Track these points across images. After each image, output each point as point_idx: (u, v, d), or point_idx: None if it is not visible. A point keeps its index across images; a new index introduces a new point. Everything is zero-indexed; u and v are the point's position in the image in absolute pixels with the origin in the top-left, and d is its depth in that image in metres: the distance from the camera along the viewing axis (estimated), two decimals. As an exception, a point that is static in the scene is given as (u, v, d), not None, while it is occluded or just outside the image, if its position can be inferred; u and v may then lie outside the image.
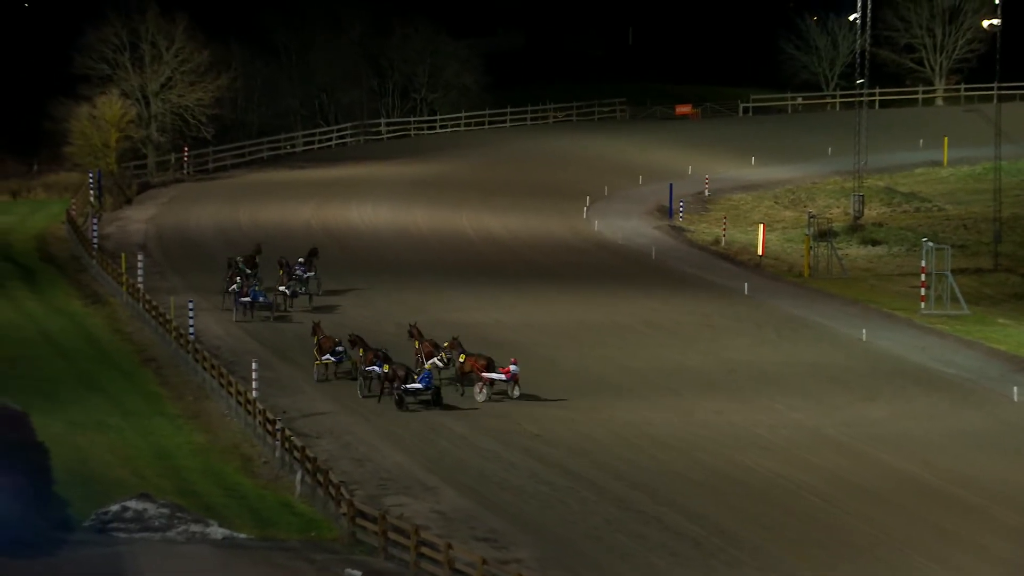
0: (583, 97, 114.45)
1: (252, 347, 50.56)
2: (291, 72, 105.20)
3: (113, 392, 46.43)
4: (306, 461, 37.41)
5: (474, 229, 74.55)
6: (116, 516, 34.25)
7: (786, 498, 36.47)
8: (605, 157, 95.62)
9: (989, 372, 49.02)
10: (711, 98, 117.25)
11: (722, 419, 43.12)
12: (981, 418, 43.77)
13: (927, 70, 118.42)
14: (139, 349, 51.86)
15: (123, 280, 58.49)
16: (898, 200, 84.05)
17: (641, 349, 51.43)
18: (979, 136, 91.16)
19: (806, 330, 54.69)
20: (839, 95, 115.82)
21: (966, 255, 68.80)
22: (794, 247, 71.26)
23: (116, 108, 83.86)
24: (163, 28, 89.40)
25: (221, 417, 44.13)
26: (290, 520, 35.89)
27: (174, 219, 76.20)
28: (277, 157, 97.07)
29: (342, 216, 76.79)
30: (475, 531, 34.22)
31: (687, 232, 75.97)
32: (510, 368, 44.68)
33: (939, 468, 38.67)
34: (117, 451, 40.47)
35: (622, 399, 45.14)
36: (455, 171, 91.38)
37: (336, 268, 61.73)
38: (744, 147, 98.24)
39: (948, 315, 57.29)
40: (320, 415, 43.35)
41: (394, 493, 36.80)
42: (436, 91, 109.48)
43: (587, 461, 39.14)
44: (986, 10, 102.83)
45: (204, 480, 38.68)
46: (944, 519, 35.09)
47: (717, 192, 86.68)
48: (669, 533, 34.19)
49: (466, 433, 41.60)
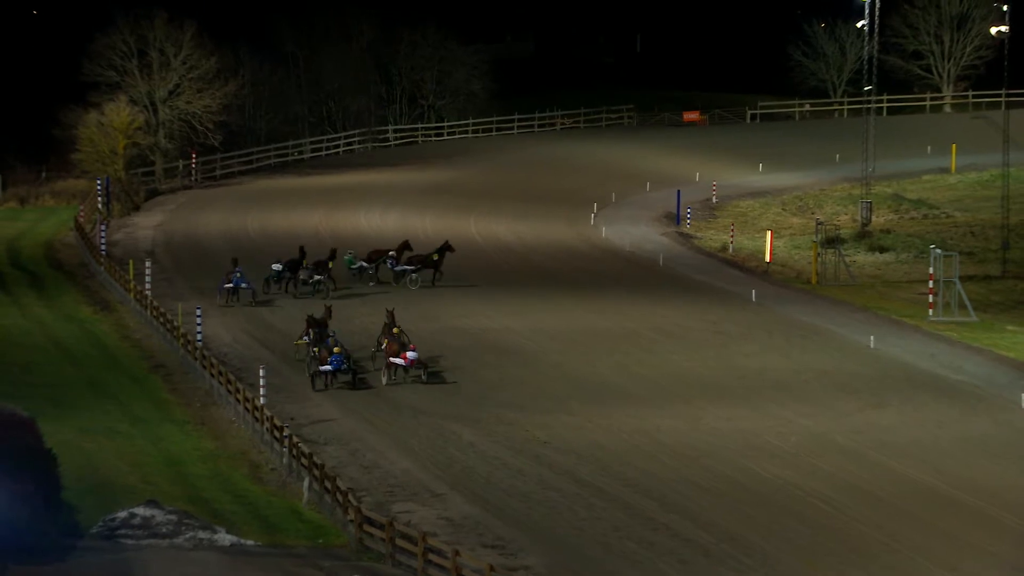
0: (591, 104, 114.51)
1: (260, 354, 50.57)
2: (299, 79, 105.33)
3: (122, 398, 46.45)
4: (314, 468, 37.39)
5: (482, 235, 74.57)
6: (124, 523, 34.25)
7: (795, 505, 36.41)
8: (613, 164, 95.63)
9: (998, 379, 48.94)
10: (719, 105, 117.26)
11: (731, 426, 43.07)
12: (990, 425, 43.69)
13: (935, 77, 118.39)
14: (147, 355, 51.89)
15: (131, 287, 58.52)
16: (906, 207, 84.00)
17: (650, 355, 51.39)
18: (987, 143, 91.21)
19: (814, 337, 54.62)
20: (847, 102, 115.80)
21: (974, 262, 68.73)
22: (802, 254, 71.21)
23: (124, 115, 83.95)
24: (171, 35, 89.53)
25: (229, 423, 44.14)
26: (298, 527, 35.87)
27: (182, 226, 76.25)
28: (285, 164, 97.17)
29: (351, 223, 76.82)
30: (483, 538, 34.18)
31: (695, 239, 75.94)
32: (407, 355, 46.68)
33: (949, 475, 38.60)
34: (126, 457, 40.48)
35: (631, 405, 45.10)
36: (463, 178, 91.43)
37: (345, 273, 61.68)
38: (752, 154, 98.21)
39: (956, 322, 57.21)
40: (328, 422, 43.34)
41: (402, 500, 36.78)
42: (444, 98, 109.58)
43: (595, 468, 39.10)
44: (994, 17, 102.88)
45: (212, 487, 38.68)
46: (954, 526, 35.03)
47: (724, 199, 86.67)
48: (678, 540, 34.14)
49: (474, 440, 41.58)
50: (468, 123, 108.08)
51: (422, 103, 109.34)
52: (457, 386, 47.14)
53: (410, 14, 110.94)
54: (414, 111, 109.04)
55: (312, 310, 51.49)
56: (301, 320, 51.00)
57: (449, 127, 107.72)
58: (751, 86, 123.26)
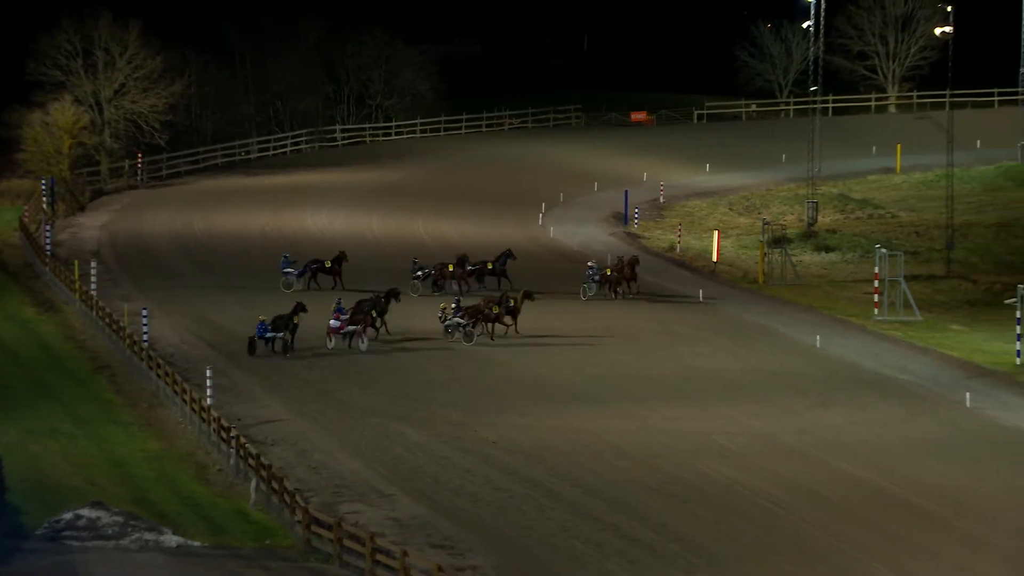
0: (539, 104, 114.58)
1: (206, 354, 50.35)
2: (246, 79, 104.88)
3: (67, 400, 46.14)
4: (261, 469, 37.25)
5: (430, 235, 74.50)
6: (69, 524, 34.01)
7: (743, 505, 36.53)
8: (561, 164, 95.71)
9: (942, 378, 49.25)
10: (666, 105, 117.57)
11: (680, 426, 43.18)
12: (935, 424, 43.97)
13: (880, 77, 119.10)
14: (92, 356, 51.56)
15: (76, 287, 58.14)
16: (851, 207, 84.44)
17: (599, 356, 51.45)
18: (931, 143, 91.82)
19: (762, 337, 54.84)
20: (793, 102, 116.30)
21: (919, 262, 69.16)
22: (748, 254, 71.48)
23: (69, 114, 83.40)
24: (116, 34, 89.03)
25: (175, 424, 43.91)
26: (245, 528, 35.72)
27: (127, 226, 75.83)
28: (231, 164, 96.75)
29: (298, 223, 76.59)
30: (431, 538, 34.14)
31: (642, 239, 76.10)
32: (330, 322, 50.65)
33: (894, 474, 38.81)
34: (71, 459, 40.21)
35: (580, 406, 45.15)
36: (411, 178, 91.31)
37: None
38: (699, 154, 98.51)
39: (901, 321, 57.56)
40: (275, 422, 43.18)
41: (349, 500, 36.69)
42: (392, 98, 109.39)
43: (544, 468, 39.11)
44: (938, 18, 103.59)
45: (158, 488, 38.47)
46: (900, 526, 35.22)
47: (672, 199, 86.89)
48: (625, 540, 34.19)
49: (422, 440, 41.52)
50: (416, 123, 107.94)
51: (370, 103, 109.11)
52: (405, 386, 47.07)
53: (357, 14, 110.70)
54: (362, 111, 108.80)
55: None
56: (247, 320, 50.85)
57: (397, 127, 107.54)
58: (698, 87, 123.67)
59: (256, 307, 54.17)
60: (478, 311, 52.49)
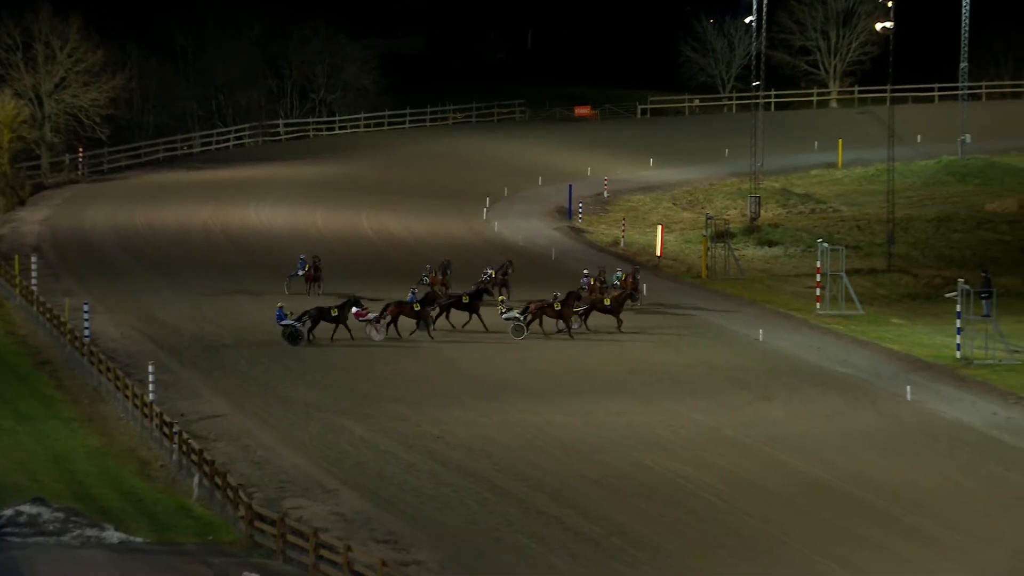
0: (482, 99, 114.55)
1: (149, 349, 50.10)
2: (188, 72, 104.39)
3: (7, 395, 45.78)
4: (203, 464, 37.08)
5: (374, 230, 74.37)
6: (9, 521, 33.75)
7: (686, 498, 36.64)
8: (505, 158, 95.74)
9: (883, 372, 49.56)
10: (609, 100, 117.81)
11: (623, 420, 43.27)
12: (876, 418, 44.23)
13: (821, 72, 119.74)
14: (33, 352, 51.19)
15: (16, 282, 57.69)
16: (793, 201, 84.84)
17: (543, 350, 51.49)
18: (872, 138, 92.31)
19: (705, 331, 55.03)
20: (735, 97, 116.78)
21: (860, 256, 69.58)
22: (692, 248, 71.72)
23: (9, 108, 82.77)
24: (56, 28, 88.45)
25: (117, 420, 43.65)
26: (187, 524, 35.55)
27: (68, 221, 75.33)
28: (174, 158, 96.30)
29: (240, 217, 76.30)
30: (375, 533, 34.09)
31: (586, 233, 76.23)
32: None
33: (836, 468, 39.02)
34: (10, 455, 39.90)
35: (524, 400, 45.18)
36: (354, 172, 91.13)
37: (233, 270, 61.20)
38: (642, 149, 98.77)
39: (843, 315, 57.89)
40: (218, 417, 43.01)
41: (293, 496, 36.58)
42: (335, 92, 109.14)
43: (488, 462, 39.12)
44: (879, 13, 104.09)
45: (100, 484, 38.24)
46: (842, 518, 35.40)
47: (616, 193, 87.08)
48: (569, 534, 34.24)
49: (366, 435, 41.45)
50: (360, 117, 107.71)
51: (313, 97, 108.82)
52: (350, 381, 46.97)
53: (300, 8, 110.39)
54: (305, 105, 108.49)
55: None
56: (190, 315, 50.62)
57: (340, 121, 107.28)
58: (641, 82, 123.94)
59: (200, 303, 53.87)
60: (542, 308, 52.87)
